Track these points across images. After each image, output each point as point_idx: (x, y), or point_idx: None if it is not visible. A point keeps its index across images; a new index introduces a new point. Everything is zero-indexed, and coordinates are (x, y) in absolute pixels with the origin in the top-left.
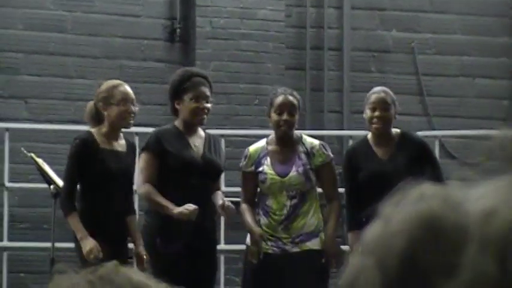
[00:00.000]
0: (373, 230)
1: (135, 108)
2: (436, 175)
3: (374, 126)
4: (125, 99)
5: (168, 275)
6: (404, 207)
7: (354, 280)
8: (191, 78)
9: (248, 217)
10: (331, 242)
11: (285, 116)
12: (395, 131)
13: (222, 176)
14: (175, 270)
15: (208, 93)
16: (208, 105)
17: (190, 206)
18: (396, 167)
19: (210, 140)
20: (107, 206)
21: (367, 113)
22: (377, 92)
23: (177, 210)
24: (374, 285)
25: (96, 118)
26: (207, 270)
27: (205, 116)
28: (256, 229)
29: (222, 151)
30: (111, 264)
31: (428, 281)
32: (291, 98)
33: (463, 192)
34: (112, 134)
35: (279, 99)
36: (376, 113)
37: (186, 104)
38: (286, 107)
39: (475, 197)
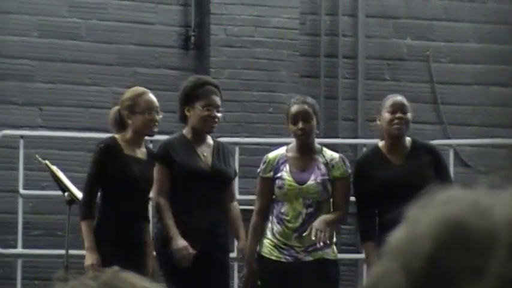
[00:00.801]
0: (398, 234)
1: (159, 117)
2: (446, 181)
3: (395, 127)
4: (150, 107)
5: (179, 281)
6: (430, 210)
7: (378, 283)
8: (204, 86)
9: (252, 243)
10: (322, 221)
11: (300, 125)
12: (407, 139)
13: (236, 183)
14: (186, 277)
15: (219, 102)
16: (219, 114)
17: (190, 254)
18: (411, 173)
19: (218, 148)
20: (129, 212)
21: (386, 116)
22: (394, 96)
23: (177, 245)
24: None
25: (120, 124)
26: (219, 277)
27: (215, 125)
28: (252, 267)
29: (232, 158)
30: (113, 270)
31: (454, 284)
32: (304, 106)
33: (490, 198)
34: (135, 142)
35: (293, 109)
36: (398, 115)
37: (197, 112)
38: (300, 116)
39: (501, 203)
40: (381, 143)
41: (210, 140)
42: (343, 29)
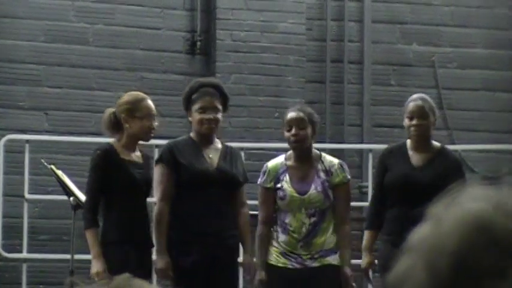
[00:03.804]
0: (422, 230)
1: (156, 124)
2: None
3: (412, 134)
4: (150, 114)
5: (188, 285)
6: (455, 208)
7: (402, 280)
8: (199, 89)
9: (262, 252)
10: (347, 270)
11: (293, 131)
12: (435, 143)
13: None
14: (194, 281)
15: (216, 103)
16: (216, 115)
17: (169, 275)
18: (426, 177)
19: (226, 152)
20: (135, 215)
21: (406, 121)
22: (414, 99)
23: (158, 265)
24: (422, 285)
25: (115, 127)
26: (227, 281)
27: (213, 127)
28: (261, 274)
29: (241, 163)
30: (124, 277)
31: (477, 282)
32: (299, 113)
33: None
34: (130, 146)
35: (288, 116)
36: (414, 121)
37: (194, 116)
38: (294, 122)
39: None
40: (409, 140)
41: (218, 144)
42: (349, 34)
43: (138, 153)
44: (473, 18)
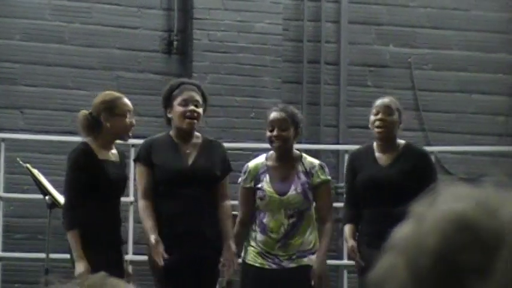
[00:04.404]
0: (404, 229)
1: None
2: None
3: (376, 130)
4: (129, 111)
5: (170, 284)
6: (437, 207)
7: (383, 278)
8: (180, 86)
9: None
10: (321, 263)
11: (275, 132)
12: (400, 141)
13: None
14: (174, 281)
15: (197, 97)
16: (198, 109)
17: (160, 257)
18: (393, 175)
19: (205, 146)
20: (112, 215)
21: (371, 118)
22: (381, 98)
23: (152, 242)
24: (403, 284)
25: (92, 127)
26: (210, 279)
27: (194, 121)
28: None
29: (220, 155)
30: (100, 275)
31: (460, 281)
32: (281, 113)
33: (497, 197)
34: (108, 145)
35: (270, 116)
36: (379, 116)
37: (175, 110)
38: (276, 123)
39: (508, 204)
40: (375, 142)
41: (198, 139)
42: (326, 35)
43: (114, 151)
44: (449, 20)
